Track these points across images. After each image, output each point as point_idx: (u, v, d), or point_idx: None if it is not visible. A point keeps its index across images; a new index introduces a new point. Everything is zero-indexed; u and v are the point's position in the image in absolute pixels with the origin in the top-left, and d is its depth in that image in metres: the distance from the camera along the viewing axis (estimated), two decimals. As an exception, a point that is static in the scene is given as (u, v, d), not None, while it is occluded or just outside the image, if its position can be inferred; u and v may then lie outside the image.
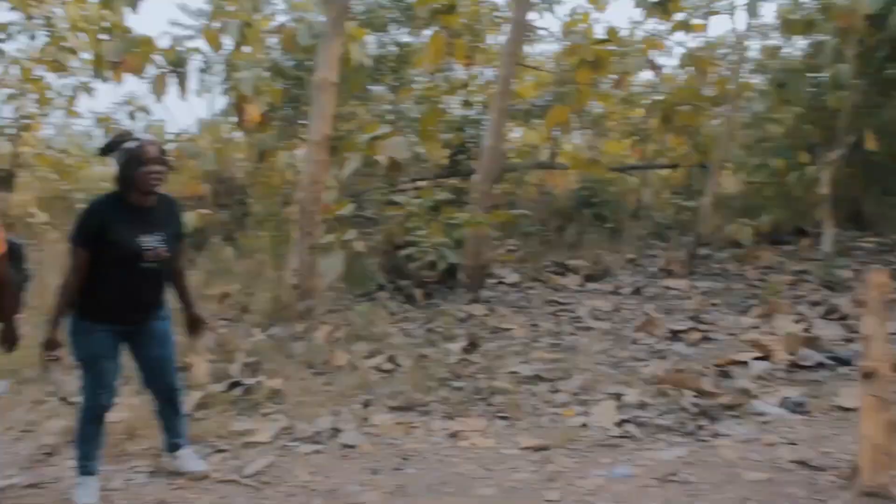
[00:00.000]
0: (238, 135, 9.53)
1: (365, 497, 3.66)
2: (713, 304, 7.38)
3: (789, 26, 7.95)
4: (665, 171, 11.22)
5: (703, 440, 4.26)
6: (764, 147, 9.56)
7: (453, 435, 4.38)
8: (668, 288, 8.19)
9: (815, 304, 7.11)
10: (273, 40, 9.43)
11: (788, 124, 9.07)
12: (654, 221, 10.04)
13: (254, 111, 7.97)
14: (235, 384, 4.96)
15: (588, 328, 6.66)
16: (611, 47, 8.62)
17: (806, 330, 6.14)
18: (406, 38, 10.50)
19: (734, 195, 9.80)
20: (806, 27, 7.38)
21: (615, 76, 9.43)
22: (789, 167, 8.38)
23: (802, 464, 3.82)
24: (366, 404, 4.81)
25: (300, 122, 9.35)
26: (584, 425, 4.47)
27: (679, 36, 10.13)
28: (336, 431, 4.40)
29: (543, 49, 11.67)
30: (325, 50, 6.32)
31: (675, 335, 6.29)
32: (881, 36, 7.15)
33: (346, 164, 7.10)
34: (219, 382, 5.00)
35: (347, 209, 6.87)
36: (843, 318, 6.78)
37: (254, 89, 7.80)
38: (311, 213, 6.31)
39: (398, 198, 7.62)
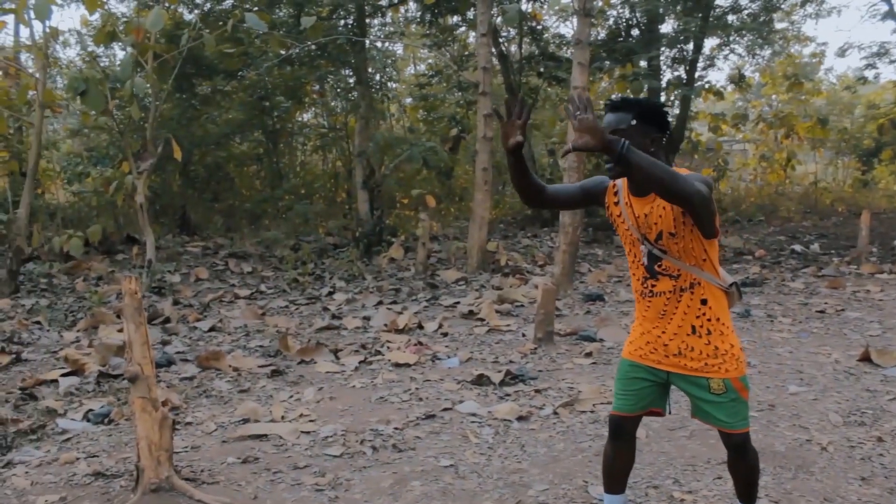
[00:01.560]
0: None
1: None
2: (36, 322, 6.98)
3: (98, 36, 7.90)
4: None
5: (-5, 473, 3.93)
6: (89, 156, 9.43)
7: None
8: (-16, 311, 7.50)
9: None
10: None
11: (113, 133, 9.08)
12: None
13: None
14: None
15: None
16: None
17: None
18: None
19: (62, 205, 9.44)
20: (109, 38, 7.42)
21: None
22: (113, 176, 8.41)
23: (99, 475, 3.82)
24: None
25: None
26: None
27: None
28: None
29: None
30: None
31: (-20, 363, 5.73)
32: (176, 52, 7.59)
33: None
34: None
35: None
36: (167, 321, 7.12)
37: None
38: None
39: None
